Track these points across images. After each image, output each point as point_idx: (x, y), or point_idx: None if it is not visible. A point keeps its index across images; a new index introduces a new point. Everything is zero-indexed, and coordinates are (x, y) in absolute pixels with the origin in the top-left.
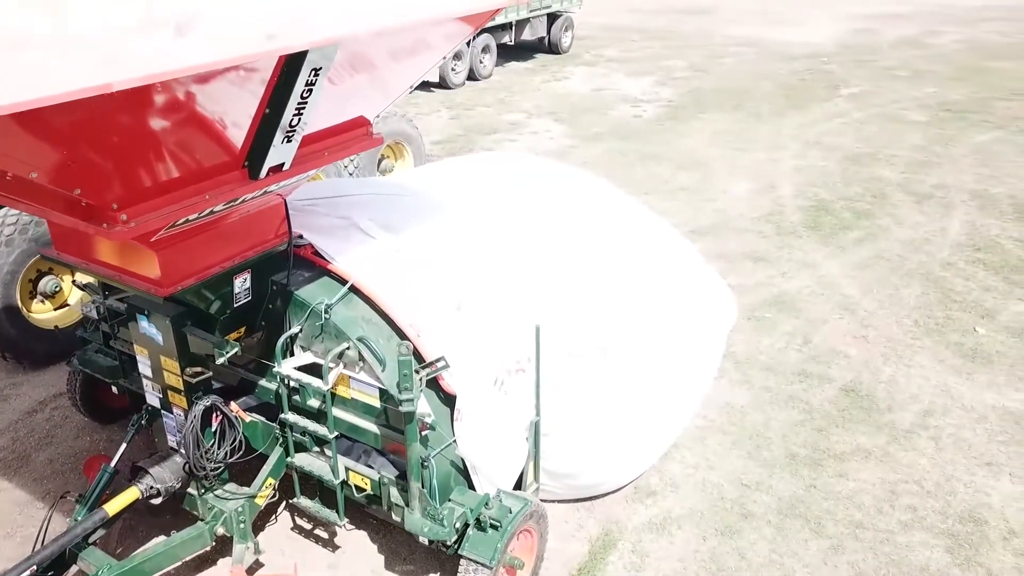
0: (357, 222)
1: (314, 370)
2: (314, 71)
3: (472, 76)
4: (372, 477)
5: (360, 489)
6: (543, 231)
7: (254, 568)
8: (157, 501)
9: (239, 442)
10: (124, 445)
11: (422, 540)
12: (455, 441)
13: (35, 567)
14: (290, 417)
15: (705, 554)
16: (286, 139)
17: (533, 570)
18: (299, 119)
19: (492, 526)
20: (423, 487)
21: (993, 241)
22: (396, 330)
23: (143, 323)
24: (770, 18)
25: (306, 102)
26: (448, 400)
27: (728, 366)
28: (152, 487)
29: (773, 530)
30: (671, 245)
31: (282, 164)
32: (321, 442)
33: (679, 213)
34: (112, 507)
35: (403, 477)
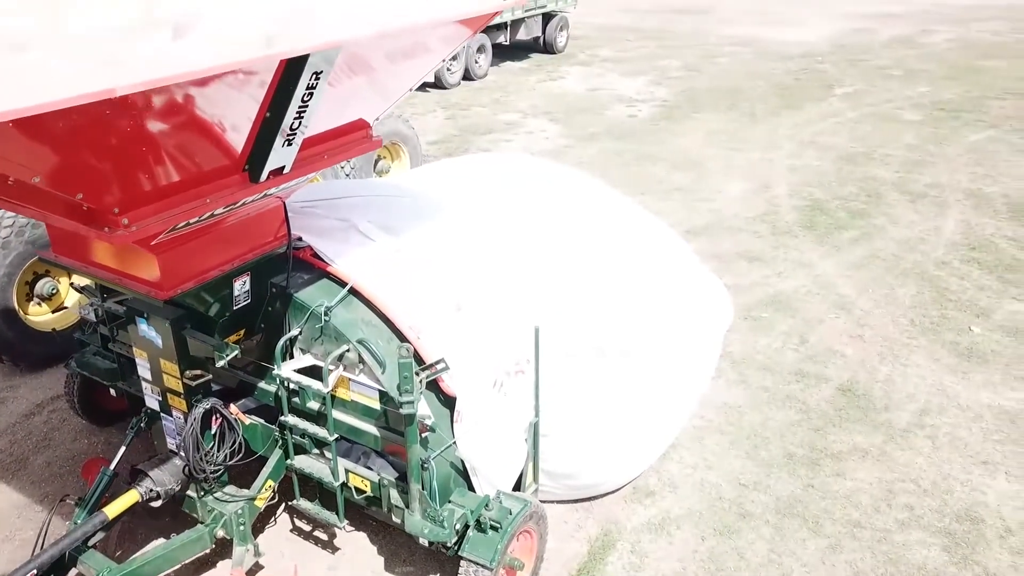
0: (356, 224)
1: (314, 372)
2: (315, 75)
3: (468, 76)
4: (372, 479)
5: (360, 491)
6: (541, 232)
7: (254, 570)
8: (156, 504)
9: (239, 444)
10: (123, 448)
11: (422, 542)
12: (455, 443)
13: (35, 571)
14: (290, 419)
15: (704, 554)
16: (287, 142)
17: (533, 571)
18: (300, 122)
19: (492, 527)
20: (423, 489)
21: (987, 240)
22: (396, 332)
23: (142, 326)
24: (766, 18)
25: (307, 105)
26: (448, 402)
27: (725, 366)
28: (152, 490)
29: (771, 530)
30: (668, 245)
31: (283, 167)
32: (321, 444)
33: (674, 213)
34: (112, 510)
35: (403, 479)
